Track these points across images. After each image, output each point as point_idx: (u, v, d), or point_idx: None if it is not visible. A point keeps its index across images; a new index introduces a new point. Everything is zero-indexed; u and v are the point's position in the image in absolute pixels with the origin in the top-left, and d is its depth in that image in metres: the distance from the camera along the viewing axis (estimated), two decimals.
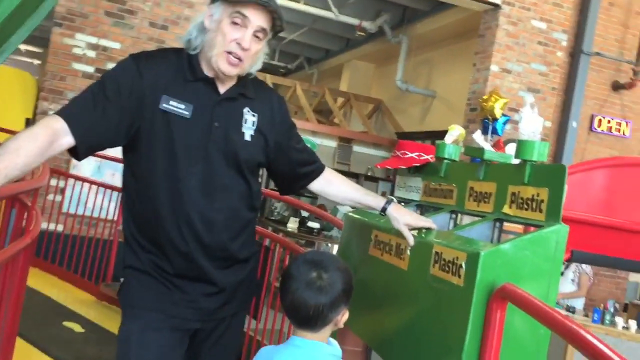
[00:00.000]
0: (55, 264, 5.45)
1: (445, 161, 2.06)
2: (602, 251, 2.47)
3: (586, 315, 5.22)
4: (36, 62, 18.01)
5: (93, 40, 6.08)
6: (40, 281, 4.93)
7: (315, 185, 1.95)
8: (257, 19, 1.65)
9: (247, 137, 1.75)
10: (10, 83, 7.26)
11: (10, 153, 1.45)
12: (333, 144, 10.05)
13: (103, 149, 1.68)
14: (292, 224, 7.06)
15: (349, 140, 10.21)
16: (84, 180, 5.62)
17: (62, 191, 5.81)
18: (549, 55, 7.46)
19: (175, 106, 1.66)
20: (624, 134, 8.05)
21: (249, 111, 1.77)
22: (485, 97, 6.94)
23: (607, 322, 4.92)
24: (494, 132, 6.51)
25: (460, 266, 1.48)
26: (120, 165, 1.81)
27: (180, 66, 1.71)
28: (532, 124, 1.59)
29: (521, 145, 1.60)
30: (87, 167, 5.90)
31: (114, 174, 5.81)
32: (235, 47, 1.66)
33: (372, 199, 1.91)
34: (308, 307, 1.47)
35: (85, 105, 1.62)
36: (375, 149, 10.33)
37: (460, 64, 9.27)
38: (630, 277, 8.06)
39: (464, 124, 7.41)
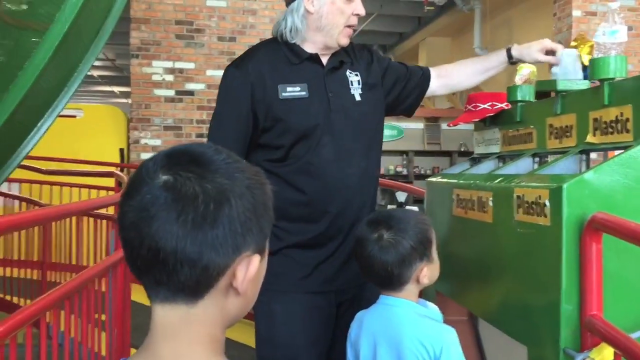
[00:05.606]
0: None
1: (519, 104, 1.91)
2: None
3: None
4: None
5: (169, 64, 6.30)
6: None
7: (434, 86, 2.00)
8: None
9: (357, 97, 1.82)
10: (103, 119, 7.70)
11: None
12: (420, 125, 9.83)
13: None
14: None
15: (436, 119, 9.95)
16: None
17: None
18: None
19: (292, 91, 1.73)
20: None
21: (350, 73, 1.84)
22: (572, 44, 6.51)
23: None
24: (586, 78, 6.09)
25: (544, 205, 1.35)
26: None
27: (280, 53, 1.78)
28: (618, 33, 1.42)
29: (594, 63, 1.45)
30: None
31: None
32: (355, 20, 1.76)
33: (494, 55, 2.03)
34: (376, 267, 1.43)
35: (217, 129, 1.76)
36: (464, 123, 9.98)
37: (540, 17, 8.76)
38: None
39: None
